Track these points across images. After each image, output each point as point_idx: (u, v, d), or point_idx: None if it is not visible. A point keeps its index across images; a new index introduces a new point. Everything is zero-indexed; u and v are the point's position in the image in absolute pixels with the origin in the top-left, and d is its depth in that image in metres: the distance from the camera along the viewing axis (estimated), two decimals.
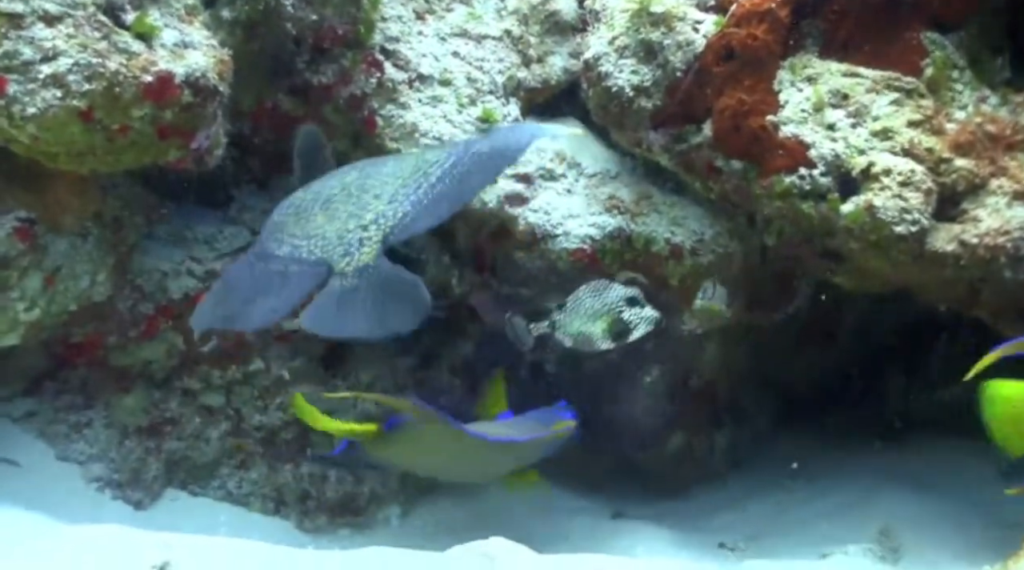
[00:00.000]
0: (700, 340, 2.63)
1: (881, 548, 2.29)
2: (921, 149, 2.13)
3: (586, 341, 2.23)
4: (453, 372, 2.76)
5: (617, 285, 2.23)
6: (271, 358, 2.55)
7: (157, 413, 2.49)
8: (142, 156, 1.99)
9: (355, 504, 2.66)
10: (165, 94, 1.91)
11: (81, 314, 2.26)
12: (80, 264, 2.19)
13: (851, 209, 2.13)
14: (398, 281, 1.89)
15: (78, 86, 1.83)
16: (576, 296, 2.23)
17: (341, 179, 2.07)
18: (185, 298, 2.42)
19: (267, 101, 2.38)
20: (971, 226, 2.09)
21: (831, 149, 2.16)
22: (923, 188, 2.09)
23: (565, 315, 2.22)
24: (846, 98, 2.20)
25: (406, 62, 2.43)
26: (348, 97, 2.36)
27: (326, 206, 1.99)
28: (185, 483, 2.56)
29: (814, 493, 2.75)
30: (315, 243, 1.96)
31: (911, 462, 2.85)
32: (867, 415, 3.00)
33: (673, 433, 2.83)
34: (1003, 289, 2.13)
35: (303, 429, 2.61)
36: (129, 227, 2.31)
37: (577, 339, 2.23)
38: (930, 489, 2.62)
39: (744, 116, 2.22)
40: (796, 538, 2.47)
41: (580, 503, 2.85)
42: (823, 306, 2.75)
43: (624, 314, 2.22)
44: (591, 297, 2.21)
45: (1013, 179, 2.10)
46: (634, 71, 2.34)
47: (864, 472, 2.78)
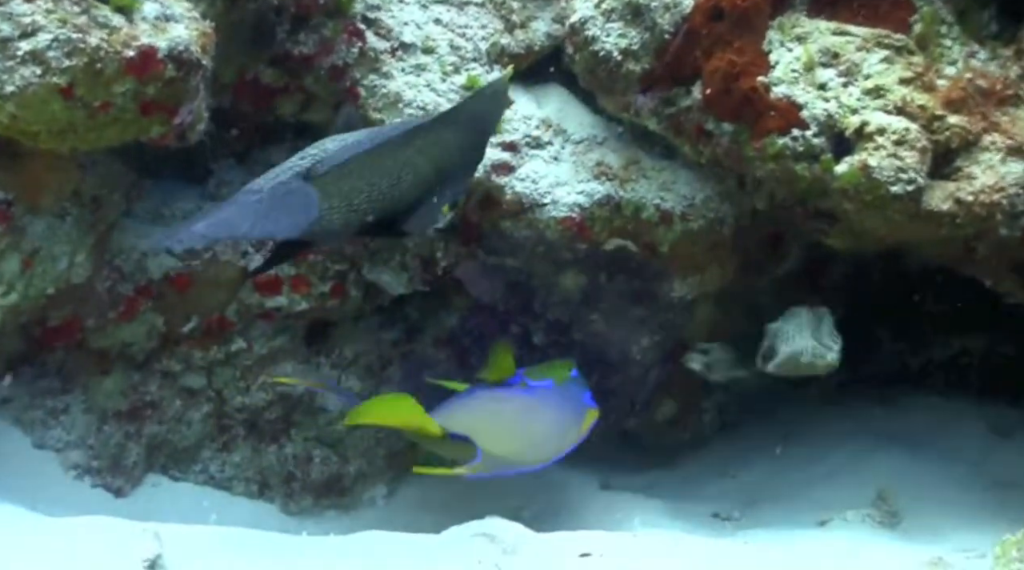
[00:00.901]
0: (690, 306, 2.67)
1: (880, 513, 2.34)
2: (914, 107, 2.15)
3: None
4: (438, 345, 2.79)
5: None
6: (253, 337, 2.58)
7: (136, 396, 2.50)
8: (125, 133, 1.99)
9: (340, 485, 2.70)
10: (147, 69, 1.91)
11: (59, 297, 2.26)
12: (58, 245, 2.19)
13: (845, 170, 2.16)
14: (299, 192, 1.92)
15: (58, 62, 1.84)
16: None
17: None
18: (165, 278, 2.43)
19: (248, 73, 2.37)
20: (966, 184, 2.13)
21: (823, 109, 2.18)
22: (918, 146, 2.12)
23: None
24: (836, 57, 2.22)
25: (388, 30, 2.42)
26: (330, 67, 2.36)
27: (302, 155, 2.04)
28: (166, 468, 2.58)
29: (807, 457, 2.80)
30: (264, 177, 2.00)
31: (905, 422, 2.92)
32: (859, 376, 3.02)
33: (663, 400, 2.89)
34: (998, 245, 2.17)
35: (287, 409, 2.65)
36: (108, 205, 2.31)
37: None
38: (925, 450, 2.68)
39: (735, 78, 2.24)
40: (791, 505, 2.53)
41: (567, 474, 2.85)
42: (812, 267, 2.80)
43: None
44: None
45: (1005, 134, 2.13)
46: (621, 34, 2.35)
47: (857, 434, 2.83)
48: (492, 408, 2.29)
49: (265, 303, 2.52)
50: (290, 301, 2.53)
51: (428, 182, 2.08)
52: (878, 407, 3.02)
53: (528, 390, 2.35)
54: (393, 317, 2.76)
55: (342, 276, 2.57)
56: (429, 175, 2.07)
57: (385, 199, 2.01)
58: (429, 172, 2.07)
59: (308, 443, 2.68)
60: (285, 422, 2.66)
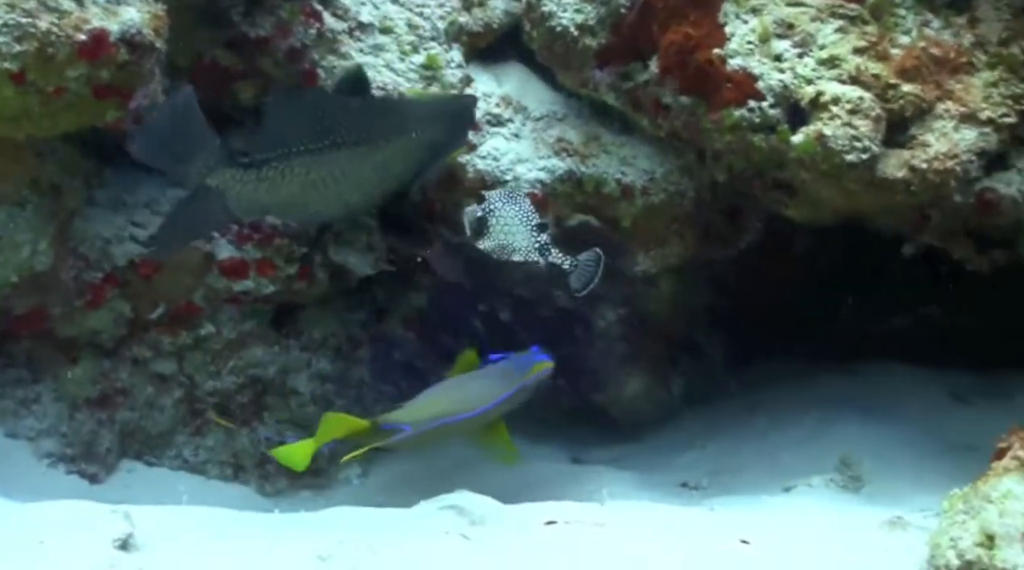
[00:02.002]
0: (654, 280, 2.68)
1: (843, 478, 2.32)
2: (868, 76, 2.15)
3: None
4: (406, 325, 2.79)
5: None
6: (222, 321, 2.57)
7: (107, 384, 2.50)
8: (79, 118, 2.00)
9: (315, 465, 2.63)
10: (100, 53, 1.91)
11: (23, 285, 2.26)
12: (19, 233, 2.20)
13: (801, 140, 2.15)
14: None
15: (8, 48, 1.83)
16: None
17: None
18: (130, 265, 2.42)
19: (205, 57, 2.36)
20: (920, 151, 2.12)
21: (779, 80, 2.18)
22: (872, 115, 2.12)
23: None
24: (791, 28, 2.20)
25: (345, 11, 2.42)
26: (287, 49, 2.36)
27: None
28: (140, 454, 2.58)
29: (772, 426, 2.79)
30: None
31: (867, 390, 2.90)
32: (822, 346, 3.04)
33: (630, 374, 2.87)
34: (952, 212, 2.18)
35: (258, 393, 2.64)
36: (68, 194, 2.31)
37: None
38: (887, 416, 2.67)
39: (691, 51, 2.24)
40: (757, 472, 2.52)
41: (539, 450, 2.87)
42: (774, 239, 2.79)
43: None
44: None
45: (959, 102, 2.13)
46: (578, 9, 2.35)
47: (820, 402, 2.82)
48: (436, 389, 2.28)
49: (232, 287, 2.51)
50: (257, 285, 2.52)
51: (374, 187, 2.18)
52: (842, 375, 3.01)
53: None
54: (361, 299, 2.76)
55: (308, 259, 2.55)
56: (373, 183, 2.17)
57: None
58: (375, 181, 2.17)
59: (281, 425, 2.67)
60: (256, 405, 2.65)
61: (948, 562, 1.30)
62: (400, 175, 2.22)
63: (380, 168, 2.18)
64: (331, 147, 2.11)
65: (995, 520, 1.29)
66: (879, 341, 3.08)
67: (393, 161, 2.19)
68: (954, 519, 1.41)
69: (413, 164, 2.23)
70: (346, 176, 2.13)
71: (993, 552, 1.24)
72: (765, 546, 1.81)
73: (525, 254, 2.14)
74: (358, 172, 2.14)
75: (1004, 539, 1.24)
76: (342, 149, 2.11)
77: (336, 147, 2.11)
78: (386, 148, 2.17)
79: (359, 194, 2.18)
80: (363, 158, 2.13)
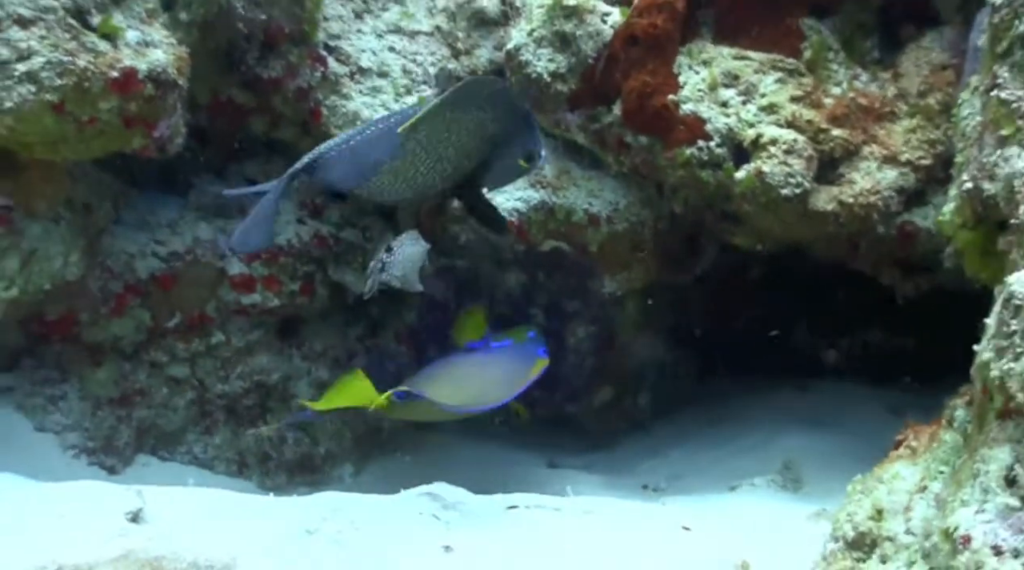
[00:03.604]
0: (621, 301, 2.75)
1: (784, 478, 2.40)
2: (802, 121, 2.25)
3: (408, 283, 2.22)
4: (398, 339, 2.86)
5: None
6: (231, 331, 2.62)
7: (127, 384, 2.54)
8: (110, 144, 2.03)
9: (312, 463, 2.74)
10: (129, 88, 1.95)
11: (55, 293, 2.29)
12: (53, 246, 2.22)
13: (744, 176, 2.25)
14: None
15: (50, 82, 1.87)
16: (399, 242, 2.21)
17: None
18: (151, 278, 2.48)
19: (222, 94, 2.42)
20: (847, 187, 2.23)
21: (725, 123, 2.27)
22: (804, 155, 2.22)
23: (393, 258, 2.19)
24: (737, 78, 2.30)
25: (347, 57, 2.49)
26: (295, 89, 2.42)
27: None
28: (155, 449, 2.62)
29: (727, 436, 2.87)
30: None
31: (814, 405, 2.99)
32: (776, 365, 3.11)
33: (600, 387, 2.95)
34: (878, 242, 2.28)
35: (262, 397, 2.69)
36: (98, 212, 2.34)
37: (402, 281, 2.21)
38: (829, 427, 2.75)
39: (648, 96, 2.32)
40: (710, 475, 2.58)
41: (517, 455, 2.95)
42: (734, 269, 2.89)
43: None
44: (410, 244, 2.20)
45: (882, 146, 2.25)
46: (551, 59, 2.41)
47: (772, 415, 2.90)
48: (451, 369, 2.32)
49: (241, 300, 2.58)
50: (264, 298, 2.58)
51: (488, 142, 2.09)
52: (792, 392, 3.09)
53: (488, 350, 2.39)
54: (357, 314, 2.81)
55: (310, 276, 2.63)
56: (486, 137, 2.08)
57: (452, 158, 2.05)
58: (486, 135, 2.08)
59: (282, 427, 2.70)
60: (261, 408, 2.70)
61: (845, 533, 1.37)
62: (470, 155, 2.11)
63: (457, 140, 2.05)
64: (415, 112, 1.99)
65: (884, 497, 1.37)
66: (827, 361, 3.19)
67: (469, 137, 2.08)
68: (852, 498, 1.52)
69: (481, 145, 2.11)
70: (429, 144, 2.03)
71: (881, 523, 1.31)
72: (703, 531, 1.90)
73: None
74: (439, 139, 2.03)
75: (890, 512, 1.31)
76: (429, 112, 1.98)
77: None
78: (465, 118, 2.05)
79: (435, 168, 2.08)
80: (445, 125, 2.02)
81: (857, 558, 1.39)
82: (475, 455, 2.91)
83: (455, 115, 2.01)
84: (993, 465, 1.06)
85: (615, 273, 2.62)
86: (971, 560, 1.00)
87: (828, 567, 1.42)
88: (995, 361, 1.08)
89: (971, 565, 1.00)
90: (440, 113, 1.98)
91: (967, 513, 1.05)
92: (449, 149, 2.06)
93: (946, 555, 1.04)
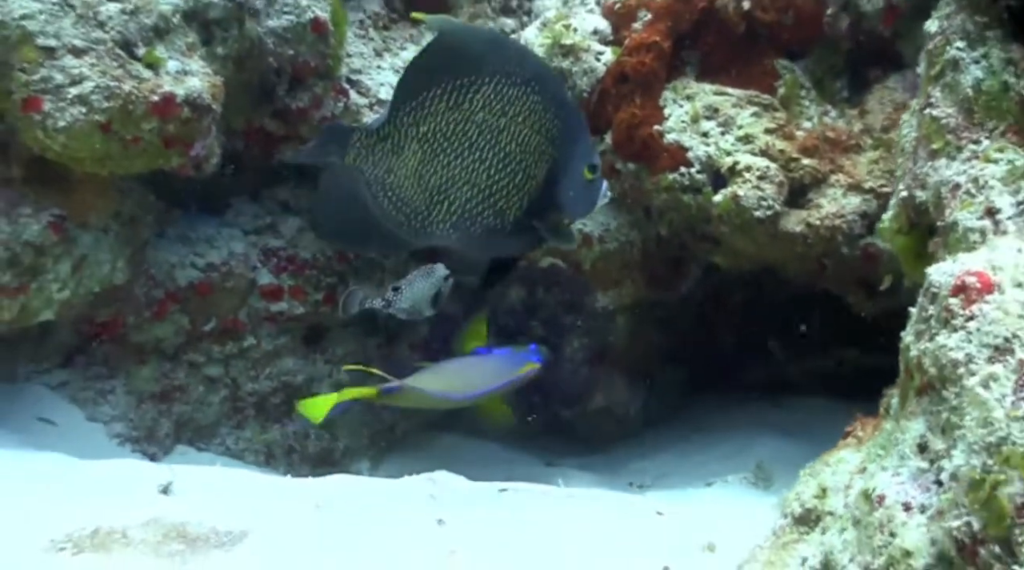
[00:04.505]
0: (612, 316, 2.75)
1: (755, 477, 2.41)
2: (775, 151, 2.26)
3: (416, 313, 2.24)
4: (412, 348, 2.87)
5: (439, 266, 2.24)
6: (261, 336, 2.64)
7: (167, 382, 2.56)
8: (151, 161, 2.05)
9: (332, 457, 2.77)
10: (168, 111, 1.98)
11: (104, 296, 2.31)
12: (102, 254, 2.23)
13: (721, 199, 2.26)
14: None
15: (99, 104, 1.91)
16: (410, 279, 2.23)
17: None
18: (190, 286, 2.51)
19: (255, 123, 2.44)
20: (815, 211, 2.23)
21: (705, 151, 2.29)
22: (776, 181, 2.23)
23: (400, 295, 2.22)
24: (716, 111, 2.33)
25: (367, 90, 2.51)
26: (320, 118, 2.44)
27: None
28: (192, 440, 2.63)
29: (708, 442, 2.87)
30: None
31: (788, 417, 2.97)
32: (755, 380, 3.12)
33: (594, 394, 2.94)
34: (843, 263, 2.27)
35: (289, 395, 2.68)
36: (143, 225, 2.37)
37: (410, 312, 2.24)
38: (800, 436, 2.74)
39: (636, 127, 2.35)
40: (691, 476, 2.58)
41: (518, 455, 2.95)
42: (718, 291, 2.89)
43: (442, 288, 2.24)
44: (422, 279, 2.23)
45: (847, 175, 2.25)
46: None
47: (750, 426, 2.90)
48: (448, 366, 2.32)
49: (270, 308, 2.60)
50: (290, 306, 2.61)
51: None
52: (769, 406, 3.09)
53: (487, 354, 2.37)
54: (376, 325, 2.82)
55: (332, 288, 2.66)
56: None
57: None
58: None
59: (306, 424, 2.71)
60: (287, 406, 2.71)
61: (793, 510, 1.35)
62: (530, 153, 1.65)
63: (510, 138, 1.61)
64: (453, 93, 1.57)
65: (828, 478, 1.36)
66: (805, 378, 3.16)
67: (527, 133, 1.63)
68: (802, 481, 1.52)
69: (542, 144, 1.66)
70: (478, 140, 1.60)
71: (824, 501, 1.31)
72: (676, 517, 1.90)
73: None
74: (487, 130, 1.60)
75: (833, 491, 1.30)
76: (470, 93, 1.57)
77: (464, 90, 1.57)
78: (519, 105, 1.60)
79: (490, 168, 1.62)
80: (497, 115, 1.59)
81: (803, 532, 1.39)
82: (480, 454, 2.92)
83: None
84: (908, 435, 1.06)
85: (607, 290, 2.64)
86: (884, 515, 1.01)
87: (777, 540, 1.42)
88: (914, 343, 1.09)
89: (884, 519, 1.01)
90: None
91: (885, 476, 1.06)
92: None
93: (865, 514, 1.05)
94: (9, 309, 2.11)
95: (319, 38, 2.36)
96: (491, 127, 1.61)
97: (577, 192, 1.69)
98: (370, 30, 2.59)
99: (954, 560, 0.91)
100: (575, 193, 1.69)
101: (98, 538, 1.43)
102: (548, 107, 1.62)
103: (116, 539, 1.43)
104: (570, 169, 1.66)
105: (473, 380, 2.24)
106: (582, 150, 1.67)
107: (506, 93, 1.59)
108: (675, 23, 2.40)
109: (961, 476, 0.92)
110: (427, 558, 1.51)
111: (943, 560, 0.93)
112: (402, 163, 1.63)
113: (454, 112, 1.60)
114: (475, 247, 1.70)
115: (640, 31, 2.41)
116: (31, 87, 1.90)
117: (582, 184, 1.69)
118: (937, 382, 1.02)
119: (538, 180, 1.66)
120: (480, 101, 1.59)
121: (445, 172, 1.63)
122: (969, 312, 1.00)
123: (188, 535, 1.47)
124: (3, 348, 2.38)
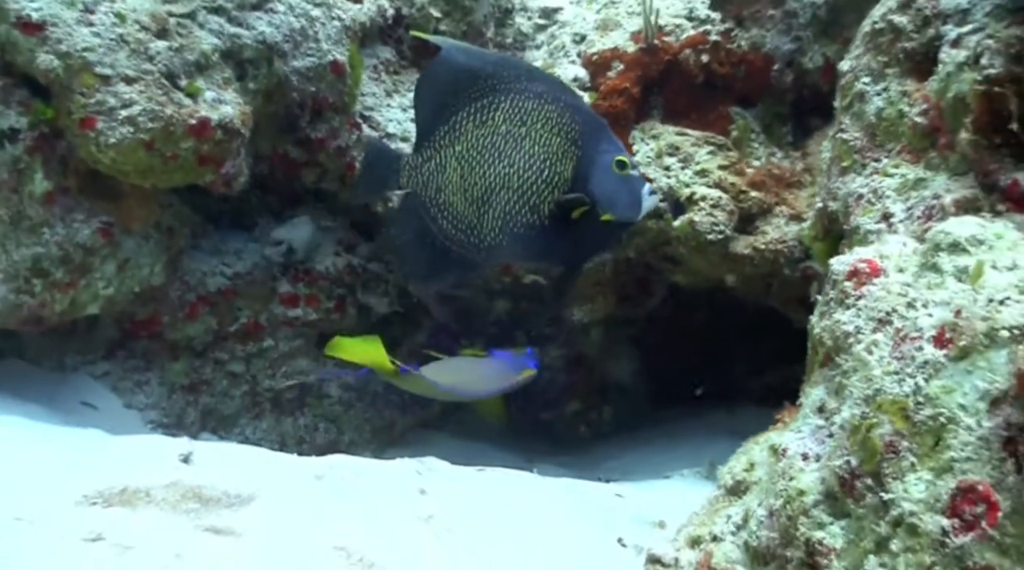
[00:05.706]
0: (587, 328, 2.78)
1: (708, 472, 2.40)
2: (727, 184, 2.32)
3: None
4: (412, 354, 2.84)
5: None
6: (279, 338, 2.66)
7: (196, 376, 2.58)
8: (187, 177, 2.10)
9: (337, 449, 2.72)
10: (204, 133, 2.04)
11: (143, 296, 2.35)
12: (143, 257, 2.28)
13: (679, 224, 2.31)
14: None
15: (144, 125, 1.97)
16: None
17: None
18: (218, 291, 2.54)
19: (280, 149, 2.49)
20: (760, 236, 2.29)
21: (667, 183, 2.34)
22: (727, 210, 2.28)
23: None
24: (678, 149, 2.37)
25: (377, 124, 2.54)
26: (336, 148, 2.47)
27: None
28: (215, 429, 2.64)
29: (671, 444, 2.89)
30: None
31: (743, 425, 2.95)
32: (716, 391, 3.11)
33: (570, 400, 2.98)
34: (786, 283, 2.32)
35: (301, 393, 2.71)
36: (180, 235, 2.41)
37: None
38: (749, 438, 2.77)
39: None
40: (652, 471, 2.59)
41: (502, 454, 2.95)
42: (679, 308, 2.93)
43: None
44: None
45: (790, 206, 2.31)
46: None
47: (708, 431, 2.92)
48: (456, 363, 2.36)
49: (288, 313, 2.63)
50: (305, 313, 2.64)
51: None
52: (724, 414, 3.09)
53: (490, 357, 2.42)
54: (380, 331, 2.82)
55: (342, 297, 2.69)
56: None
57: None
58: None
59: (315, 418, 2.76)
60: (299, 402, 2.74)
61: (726, 482, 1.41)
62: (553, 153, 1.69)
63: (537, 140, 1.65)
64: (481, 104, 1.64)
65: (756, 454, 1.41)
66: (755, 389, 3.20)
67: (547, 137, 1.67)
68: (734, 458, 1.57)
69: (563, 144, 1.68)
70: (505, 149, 1.67)
71: (751, 473, 1.36)
72: (633, 499, 1.97)
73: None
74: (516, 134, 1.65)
75: (759, 464, 1.35)
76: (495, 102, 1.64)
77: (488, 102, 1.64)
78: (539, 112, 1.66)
79: (522, 168, 1.67)
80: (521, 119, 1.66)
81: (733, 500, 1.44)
82: (468, 452, 2.93)
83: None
84: (810, 399, 1.12)
85: (582, 304, 2.64)
86: (786, 464, 1.06)
87: (710, 506, 1.47)
88: (818, 322, 1.14)
89: (786, 468, 1.06)
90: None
91: (791, 435, 1.11)
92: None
93: (772, 465, 1.10)
94: (61, 302, 2.16)
95: (337, 78, 2.40)
96: (515, 136, 1.67)
97: (613, 186, 1.71)
98: (382, 74, 2.62)
99: (837, 494, 0.96)
100: (611, 187, 1.71)
101: (125, 495, 1.48)
102: (563, 113, 1.67)
103: (140, 497, 1.49)
104: (597, 164, 1.69)
105: (477, 379, 2.28)
106: (606, 147, 1.70)
107: (522, 106, 1.67)
108: (643, 73, 2.46)
109: (845, 424, 0.98)
110: (408, 519, 1.57)
111: (829, 496, 0.98)
112: (447, 180, 1.72)
113: (481, 129, 1.69)
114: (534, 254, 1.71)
115: (613, 79, 2.46)
116: (88, 109, 1.96)
117: (615, 179, 1.71)
118: (833, 352, 1.08)
119: (565, 176, 1.69)
120: (501, 116, 1.68)
121: (483, 182, 1.70)
122: (859, 292, 1.05)
123: (203, 496, 1.52)
124: (55, 340, 2.42)
